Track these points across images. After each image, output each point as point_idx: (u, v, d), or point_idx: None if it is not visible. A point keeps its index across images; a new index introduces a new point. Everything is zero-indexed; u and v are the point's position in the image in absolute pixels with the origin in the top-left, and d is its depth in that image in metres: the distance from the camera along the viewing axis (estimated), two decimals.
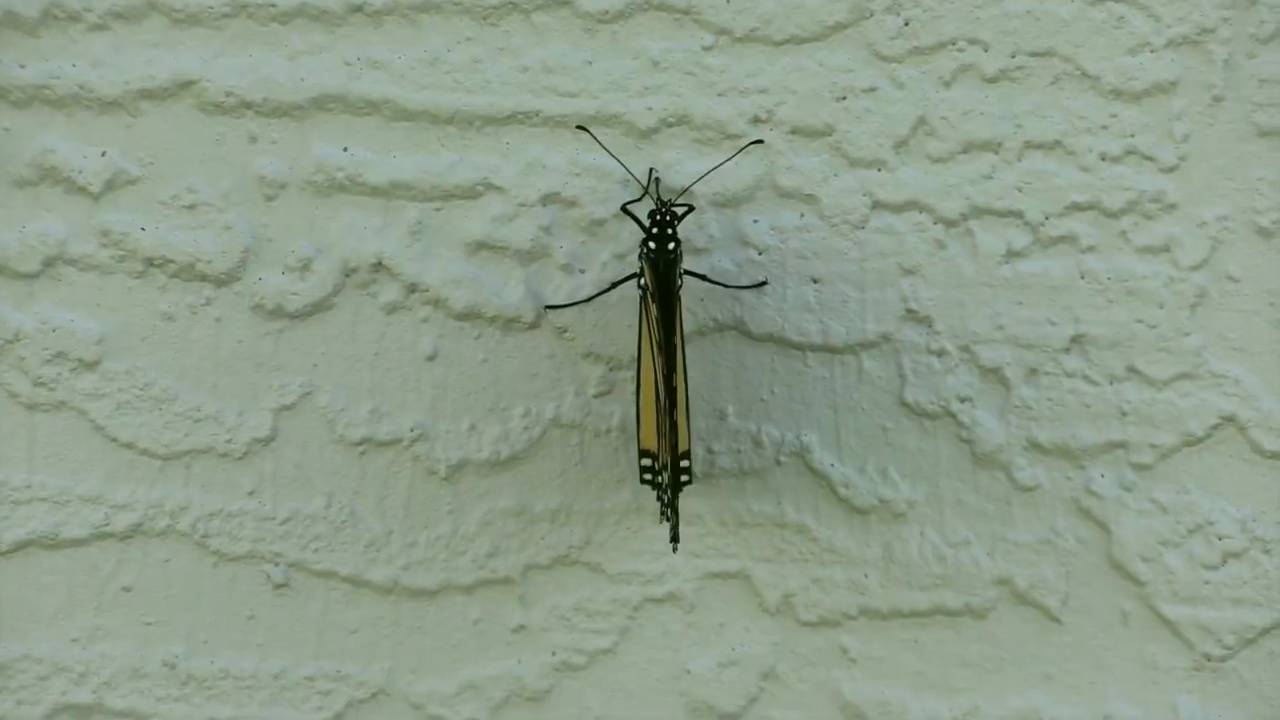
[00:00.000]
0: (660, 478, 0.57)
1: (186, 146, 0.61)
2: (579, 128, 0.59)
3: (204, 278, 0.61)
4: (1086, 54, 0.59)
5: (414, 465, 0.62)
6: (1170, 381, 0.60)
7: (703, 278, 0.59)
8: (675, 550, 0.58)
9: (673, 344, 0.56)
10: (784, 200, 0.60)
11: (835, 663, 0.63)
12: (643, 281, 0.56)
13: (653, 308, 0.56)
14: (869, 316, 0.61)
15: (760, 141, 0.60)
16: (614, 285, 0.59)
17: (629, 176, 0.59)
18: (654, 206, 0.57)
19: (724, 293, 0.60)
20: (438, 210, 0.61)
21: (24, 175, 0.61)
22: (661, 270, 0.56)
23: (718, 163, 0.59)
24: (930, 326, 0.61)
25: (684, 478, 0.56)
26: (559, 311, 0.60)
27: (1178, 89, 0.59)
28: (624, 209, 0.59)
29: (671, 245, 0.56)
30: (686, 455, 0.56)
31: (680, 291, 0.57)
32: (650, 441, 0.57)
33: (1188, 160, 0.59)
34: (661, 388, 0.55)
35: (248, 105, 0.60)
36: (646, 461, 0.57)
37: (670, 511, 0.57)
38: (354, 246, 0.61)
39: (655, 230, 0.57)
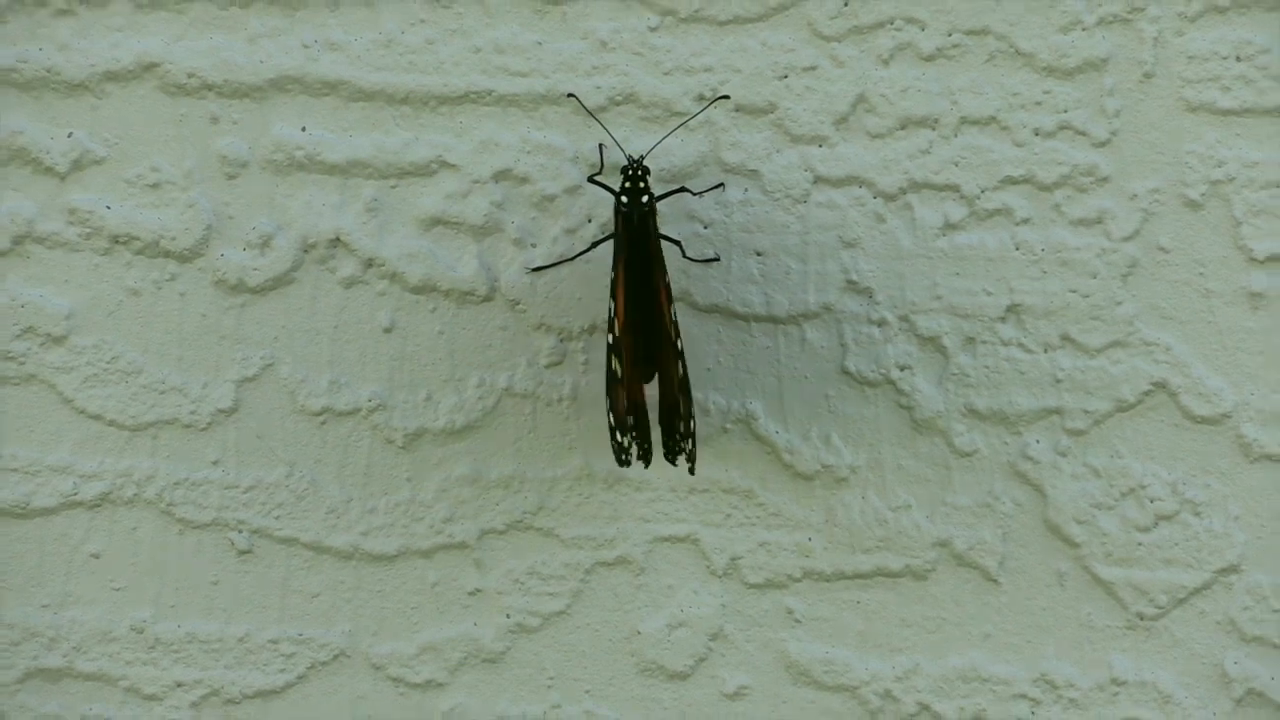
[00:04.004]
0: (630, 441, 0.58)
1: (150, 127, 0.62)
2: (569, 95, 0.60)
3: (168, 254, 0.62)
4: (1020, 32, 0.59)
5: (372, 434, 0.63)
6: (1103, 349, 0.61)
7: (675, 243, 0.60)
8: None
9: (651, 300, 0.57)
10: (728, 175, 0.61)
11: (781, 624, 0.64)
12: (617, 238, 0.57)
13: (623, 267, 0.57)
14: (811, 288, 0.61)
15: (727, 97, 0.60)
16: (595, 244, 0.60)
17: (578, 154, 0.61)
18: (625, 164, 0.58)
19: (673, 266, 0.61)
20: (393, 188, 0.62)
21: None
22: (635, 224, 0.57)
23: (670, 131, 0.60)
24: (870, 297, 0.61)
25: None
26: (539, 274, 0.61)
27: (1109, 66, 0.59)
28: (591, 180, 0.60)
29: (645, 199, 0.57)
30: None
31: (659, 245, 0.57)
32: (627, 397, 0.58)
33: (1119, 135, 0.60)
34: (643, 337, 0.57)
35: (209, 87, 0.61)
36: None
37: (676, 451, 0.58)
38: (313, 223, 0.62)
39: (627, 185, 0.57)
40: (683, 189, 0.60)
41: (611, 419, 0.57)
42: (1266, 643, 0.62)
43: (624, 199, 0.57)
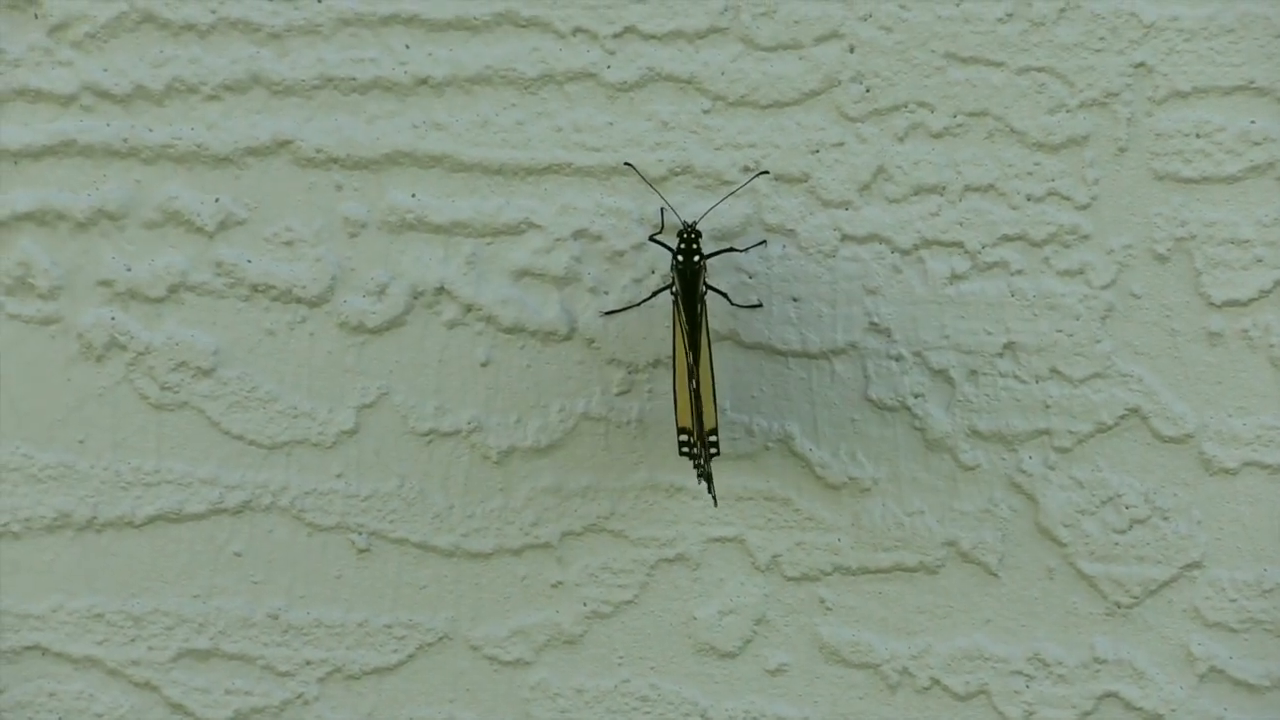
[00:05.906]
0: (695, 449, 0.59)
1: (284, 194, 0.64)
2: (626, 164, 0.62)
3: (299, 300, 0.65)
4: (1014, 114, 0.61)
5: (471, 452, 0.66)
6: (1085, 380, 0.63)
7: (722, 294, 0.61)
8: (715, 504, 0.61)
9: (697, 340, 0.58)
10: (769, 234, 0.63)
11: (814, 611, 0.66)
12: (674, 289, 0.59)
13: (681, 311, 0.59)
14: (839, 328, 0.63)
15: (767, 172, 0.62)
16: (655, 294, 0.62)
17: (642, 216, 0.62)
18: (681, 228, 0.60)
19: (723, 310, 0.63)
20: (489, 244, 0.64)
21: (152, 218, 0.65)
22: (688, 278, 0.59)
23: (721, 199, 0.62)
24: (889, 336, 0.63)
25: (712, 450, 0.59)
26: (611, 317, 0.63)
27: (1089, 141, 0.61)
28: (652, 239, 0.62)
29: (696, 258, 0.59)
30: (714, 431, 0.59)
31: (705, 298, 0.59)
32: (686, 420, 0.59)
33: (1098, 199, 0.61)
34: (690, 376, 0.58)
35: (334, 160, 0.64)
36: (684, 438, 0.59)
37: (705, 476, 0.59)
38: (421, 274, 0.65)
39: (682, 246, 0.59)
40: (731, 249, 0.62)
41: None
42: (1225, 627, 0.64)
43: (679, 258, 0.59)
